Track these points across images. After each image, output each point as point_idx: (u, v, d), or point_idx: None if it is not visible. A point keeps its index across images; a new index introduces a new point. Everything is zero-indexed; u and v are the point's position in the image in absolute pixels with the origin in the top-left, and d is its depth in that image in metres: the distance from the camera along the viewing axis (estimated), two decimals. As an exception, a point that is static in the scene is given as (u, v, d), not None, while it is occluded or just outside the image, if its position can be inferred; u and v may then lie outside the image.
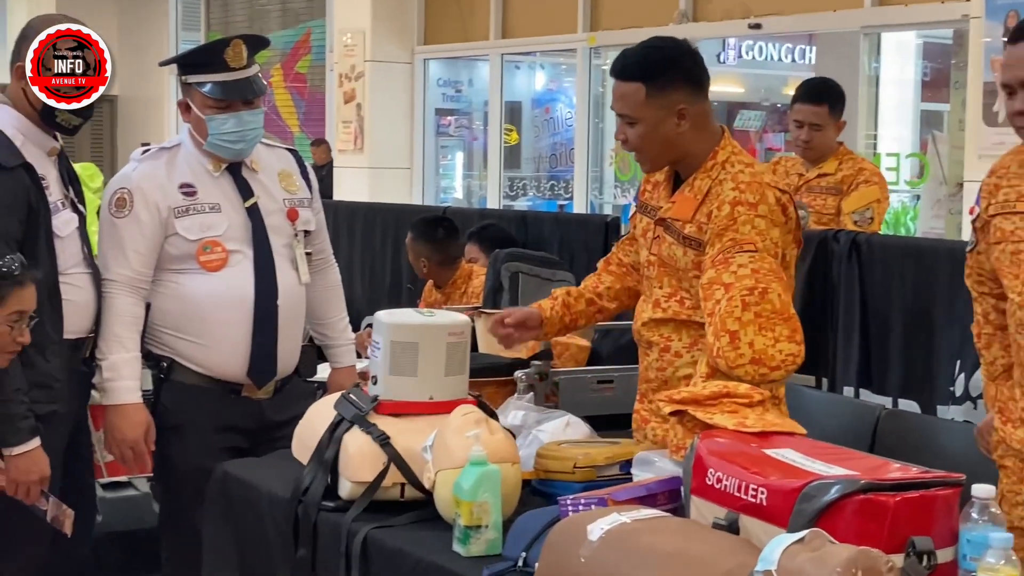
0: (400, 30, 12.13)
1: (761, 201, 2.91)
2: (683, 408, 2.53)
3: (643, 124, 3.02)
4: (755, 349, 2.74)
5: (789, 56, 12.08)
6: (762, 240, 2.87)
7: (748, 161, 3.04)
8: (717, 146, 3.04)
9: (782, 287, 2.82)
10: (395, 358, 2.93)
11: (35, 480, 3.31)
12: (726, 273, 2.83)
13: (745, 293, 2.78)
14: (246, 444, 3.69)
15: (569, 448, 2.93)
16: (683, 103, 2.99)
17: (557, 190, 12.48)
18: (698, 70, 3.05)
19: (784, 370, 2.74)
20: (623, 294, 3.36)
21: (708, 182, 3.00)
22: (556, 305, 3.33)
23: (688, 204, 3.02)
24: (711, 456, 2.28)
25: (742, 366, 2.73)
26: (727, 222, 2.90)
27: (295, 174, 3.85)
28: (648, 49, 3.05)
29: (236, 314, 3.63)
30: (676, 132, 3.01)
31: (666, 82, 2.99)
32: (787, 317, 2.78)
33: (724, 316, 2.77)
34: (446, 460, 2.66)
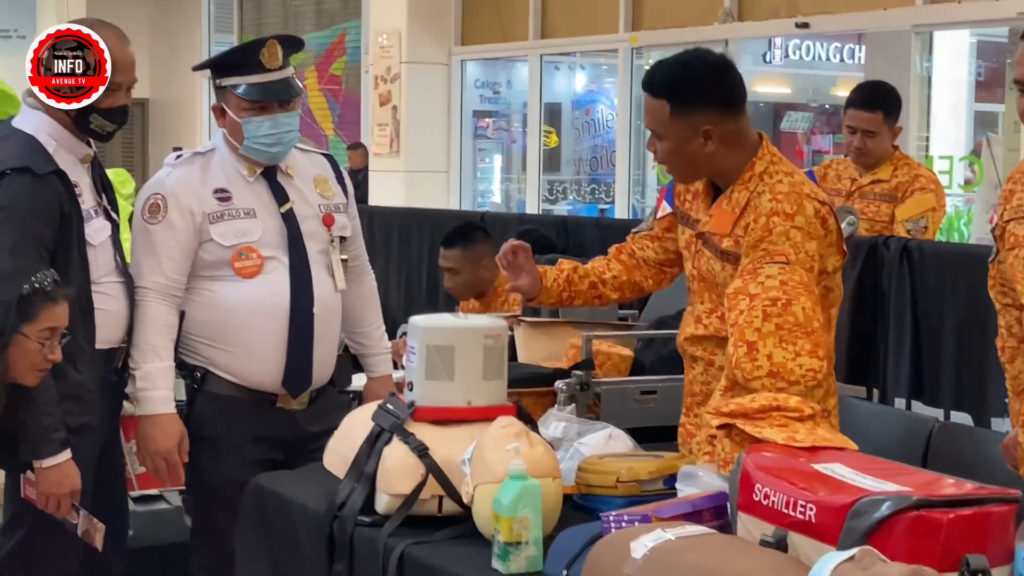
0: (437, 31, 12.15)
1: (798, 212, 2.91)
2: (731, 421, 2.52)
3: (669, 141, 3.04)
4: (773, 362, 2.73)
5: (837, 56, 12.02)
6: (795, 252, 2.87)
7: (788, 170, 3.03)
8: (755, 156, 3.04)
9: (811, 301, 2.81)
10: (431, 362, 2.93)
11: (66, 493, 3.33)
12: (753, 284, 2.83)
13: (767, 304, 2.78)
14: (280, 456, 3.70)
15: (611, 462, 2.93)
16: (709, 124, 2.99)
17: (598, 194, 12.48)
18: (729, 90, 3.04)
19: (803, 385, 2.72)
20: (627, 287, 3.40)
21: (746, 195, 3.00)
22: (560, 278, 3.36)
23: (726, 218, 3.02)
24: (758, 471, 2.27)
25: (759, 378, 2.73)
26: (762, 233, 2.90)
27: (331, 179, 3.87)
28: (677, 67, 3.06)
29: (271, 322, 3.65)
30: (703, 152, 3.01)
31: (692, 102, 2.99)
32: (810, 331, 2.76)
33: (743, 326, 2.77)
34: (485, 474, 2.66)
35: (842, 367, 3.98)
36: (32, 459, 3.32)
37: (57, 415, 3.32)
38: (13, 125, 3.50)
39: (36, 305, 3.17)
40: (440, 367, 2.92)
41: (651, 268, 3.39)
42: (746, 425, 2.48)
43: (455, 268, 5.17)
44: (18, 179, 3.34)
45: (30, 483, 3.36)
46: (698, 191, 3.17)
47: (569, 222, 6.27)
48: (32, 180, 3.35)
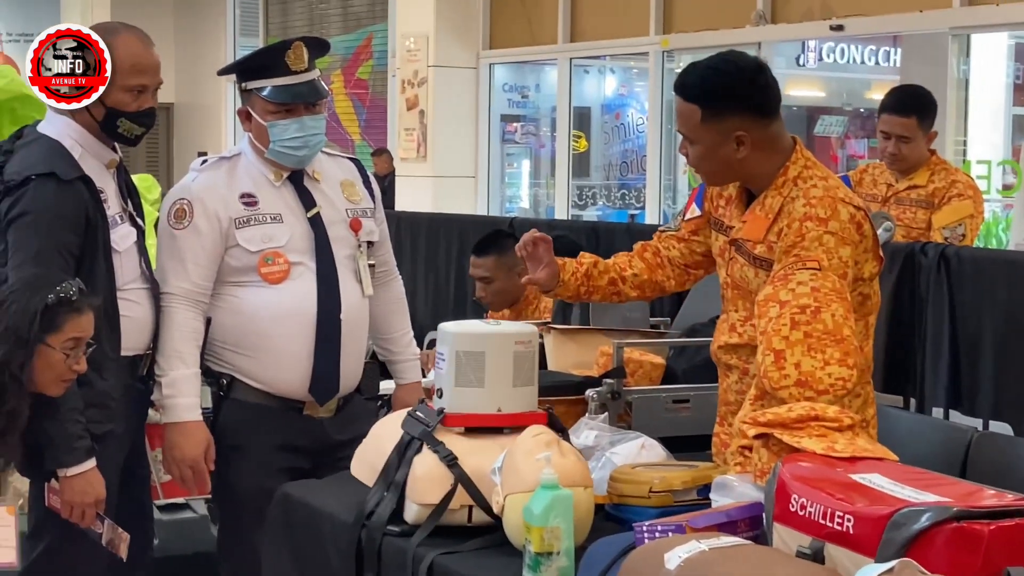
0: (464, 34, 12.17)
1: (832, 217, 2.90)
2: (769, 431, 2.52)
3: (700, 145, 3.04)
4: (801, 371, 2.72)
5: (873, 59, 11.98)
6: (828, 258, 2.86)
7: (822, 175, 3.02)
8: (788, 161, 3.03)
9: (843, 308, 2.79)
10: (461, 369, 2.93)
11: (90, 502, 3.35)
12: (783, 290, 2.82)
13: (796, 311, 2.77)
14: (307, 464, 3.71)
15: (644, 471, 2.92)
16: (742, 129, 2.99)
17: (628, 199, 12.46)
18: (762, 95, 3.03)
19: (832, 395, 2.70)
20: (648, 286, 3.41)
21: (780, 200, 3.00)
22: (578, 273, 3.37)
23: (759, 224, 3.02)
24: (795, 481, 2.26)
25: (786, 387, 2.71)
26: (795, 239, 2.90)
27: (357, 183, 3.88)
28: (708, 71, 3.04)
29: (298, 328, 3.66)
30: (734, 157, 3.01)
31: (723, 108, 2.99)
32: (840, 339, 2.75)
33: (771, 334, 2.76)
34: (516, 483, 2.66)
35: (879, 376, 3.96)
36: (56, 467, 3.34)
37: (82, 423, 3.33)
38: (38, 130, 3.52)
39: (61, 315, 3.18)
40: (470, 373, 2.92)
41: (675, 268, 3.39)
42: (784, 435, 2.48)
43: (489, 277, 5.16)
44: (43, 185, 3.36)
45: (54, 492, 3.37)
46: (731, 197, 3.17)
47: (600, 228, 6.26)
48: (57, 186, 3.37)
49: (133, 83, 3.47)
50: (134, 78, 3.48)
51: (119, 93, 3.47)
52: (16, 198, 3.35)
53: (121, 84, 3.46)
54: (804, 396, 2.69)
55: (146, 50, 3.52)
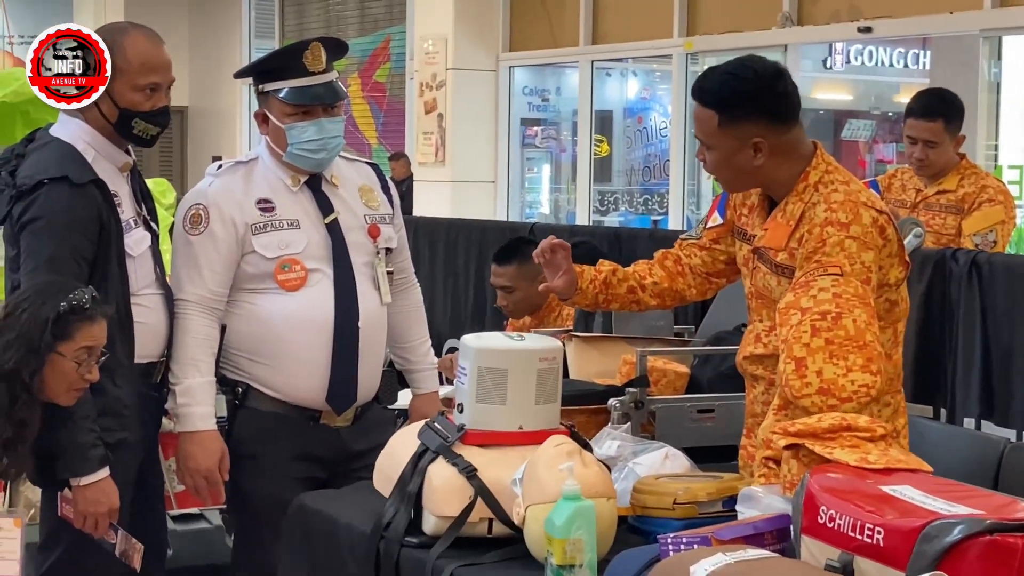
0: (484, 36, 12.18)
1: (854, 221, 2.90)
2: (799, 441, 2.51)
3: (717, 151, 3.05)
4: (823, 378, 2.72)
5: (901, 61, 11.95)
6: (850, 263, 2.86)
7: (844, 179, 3.03)
8: (808, 166, 3.03)
9: (865, 313, 2.79)
10: (482, 385, 2.93)
11: (104, 512, 3.35)
12: (804, 297, 2.83)
13: (817, 318, 2.77)
14: (324, 474, 3.71)
15: (668, 482, 2.92)
16: (759, 136, 3.00)
17: (651, 205, 12.45)
18: (780, 102, 3.04)
19: (856, 402, 2.70)
20: (668, 295, 3.42)
21: (801, 206, 3.00)
22: (596, 281, 3.39)
23: (781, 231, 3.02)
24: (823, 492, 2.26)
25: (808, 396, 2.71)
26: (816, 244, 2.90)
27: (376, 189, 3.88)
28: (726, 76, 3.05)
29: (315, 336, 3.66)
30: (752, 164, 3.02)
31: (740, 114, 3.00)
32: (862, 345, 2.74)
33: (792, 342, 2.77)
34: (537, 494, 2.66)
35: (908, 385, 3.94)
36: (69, 476, 3.34)
37: (95, 431, 3.34)
38: (51, 133, 3.53)
39: (73, 323, 3.18)
40: (492, 390, 2.93)
41: (696, 277, 3.40)
42: (815, 445, 2.47)
43: (510, 286, 5.15)
44: (56, 189, 3.37)
45: (67, 501, 3.38)
46: (754, 205, 3.17)
47: (622, 234, 6.26)
48: (70, 190, 3.38)
49: (145, 82, 3.49)
50: (145, 77, 3.49)
51: (131, 93, 3.48)
52: (29, 203, 3.36)
53: (133, 84, 3.47)
54: (827, 404, 2.69)
55: (156, 48, 3.54)
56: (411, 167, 12.96)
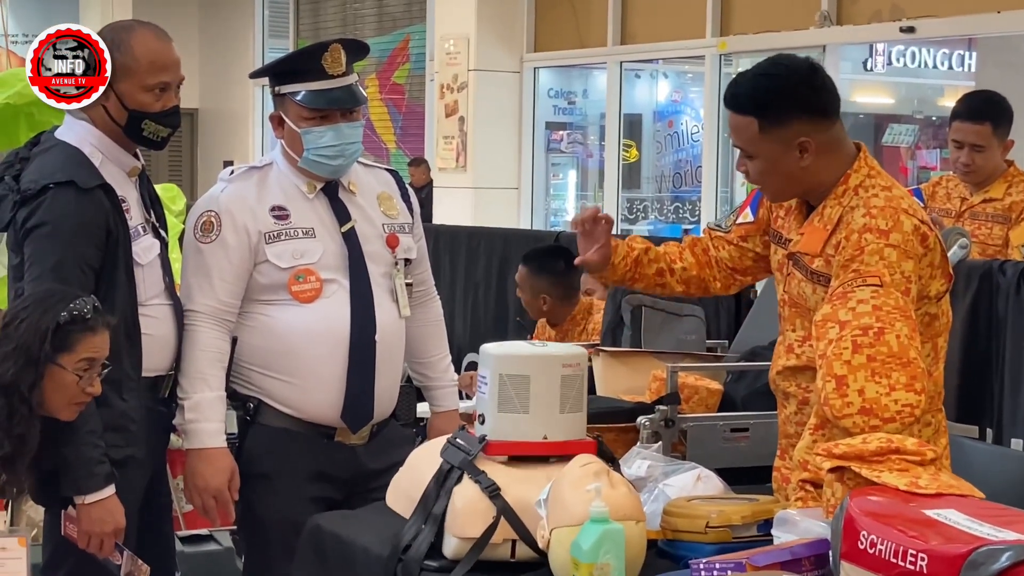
0: (508, 36, 12.21)
1: (894, 229, 2.89)
2: (845, 464, 2.50)
3: (761, 159, 3.04)
4: (865, 397, 2.70)
5: (946, 63, 11.94)
6: (890, 273, 2.85)
7: (886, 184, 3.02)
8: (850, 168, 3.03)
9: (907, 327, 2.78)
10: (504, 393, 2.92)
11: (109, 531, 3.35)
12: (843, 309, 2.81)
13: (858, 333, 2.75)
14: (339, 495, 3.71)
15: (700, 505, 2.91)
16: (804, 135, 2.99)
17: (682, 213, 12.46)
18: (820, 96, 3.03)
19: (899, 422, 2.69)
20: (694, 283, 3.44)
21: (839, 210, 2.99)
22: (628, 258, 3.40)
23: (817, 236, 3.01)
24: (864, 516, 2.25)
25: (850, 416, 2.70)
26: (854, 252, 2.89)
27: (395, 196, 3.88)
28: (759, 78, 3.06)
29: (330, 350, 3.66)
30: (799, 166, 3.01)
31: (781, 115, 2.99)
32: (906, 362, 2.73)
33: (832, 359, 2.75)
34: (563, 516, 2.65)
35: (952, 405, 3.94)
36: (73, 494, 3.34)
37: (101, 447, 3.34)
38: (56, 136, 3.55)
39: (74, 334, 3.18)
40: (514, 398, 2.92)
41: (722, 270, 3.41)
42: (862, 468, 2.46)
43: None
44: (62, 194, 3.38)
45: (71, 520, 3.39)
46: (791, 207, 3.17)
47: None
48: (76, 195, 3.39)
49: (154, 81, 3.50)
50: (154, 76, 3.50)
51: (140, 93, 3.49)
52: (33, 208, 3.37)
53: (141, 84, 3.49)
54: (869, 425, 2.68)
55: (164, 45, 3.55)
56: (431, 173, 12.99)
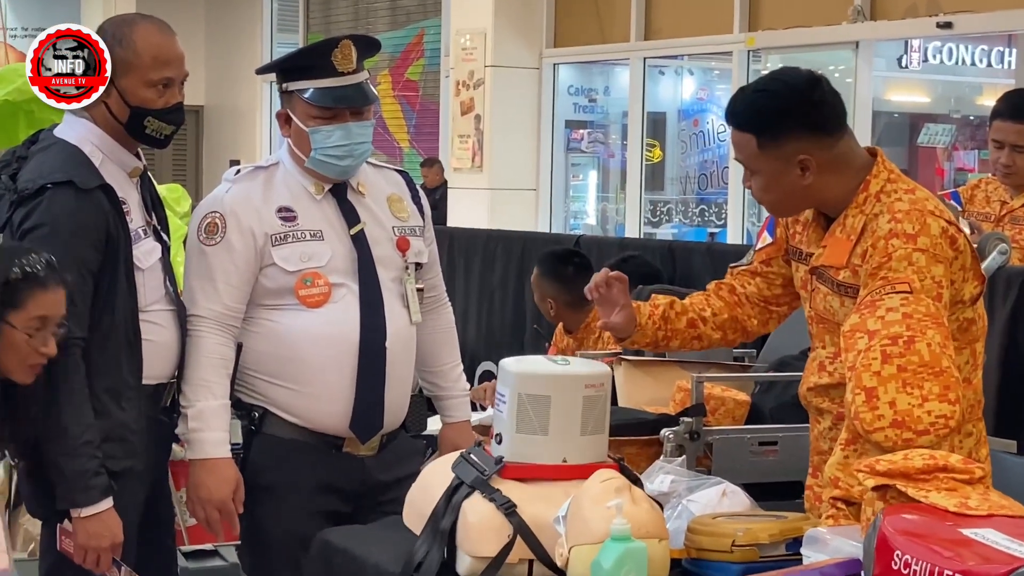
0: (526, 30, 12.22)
1: (921, 232, 2.89)
2: (889, 482, 2.49)
3: (762, 176, 3.07)
4: (897, 410, 2.70)
5: (984, 60, 11.92)
6: (920, 279, 2.85)
7: (908, 187, 3.02)
8: (868, 175, 3.03)
9: (939, 335, 2.78)
10: (523, 414, 2.92)
11: (106, 546, 3.36)
12: (871, 319, 2.81)
13: (887, 343, 2.75)
14: (347, 508, 3.71)
15: (726, 522, 2.91)
16: (804, 152, 3.01)
17: (707, 216, 12.46)
18: (820, 112, 3.04)
19: (933, 435, 2.68)
20: (729, 326, 3.39)
21: (862, 218, 3.00)
22: (655, 315, 3.36)
23: (841, 247, 3.02)
24: (898, 536, 2.25)
25: (881, 429, 2.70)
26: (881, 259, 2.89)
27: (406, 199, 3.89)
28: (756, 94, 3.09)
29: (338, 357, 3.67)
30: (801, 184, 3.03)
31: (779, 132, 3.01)
32: (938, 372, 2.73)
33: (861, 370, 2.75)
34: (582, 534, 2.65)
35: (990, 417, 3.92)
36: (69, 507, 3.35)
37: (98, 458, 3.35)
38: (55, 134, 3.55)
39: (23, 291, 3.18)
40: (533, 419, 2.92)
41: (754, 306, 3.38)
42: (908, 487, 2.45)
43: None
44: (60, 194, 3.39)
45: (67, 534, 3.39)
46: (807, 221, 3.18)
47: (676, 248, 6.24)
48: (76, 195, 3.40)
49: (157, 77, 3.50)
50: (157, 71, 3.51)
51: (143, 89, 3.50)
52: (30, 209, 3.38)
53: (144, 79, 3.49)
54: (902, 438, 2.67)
55: (168, 40, 3.56)
56: (445, 174, 13.00)
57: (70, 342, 3.32)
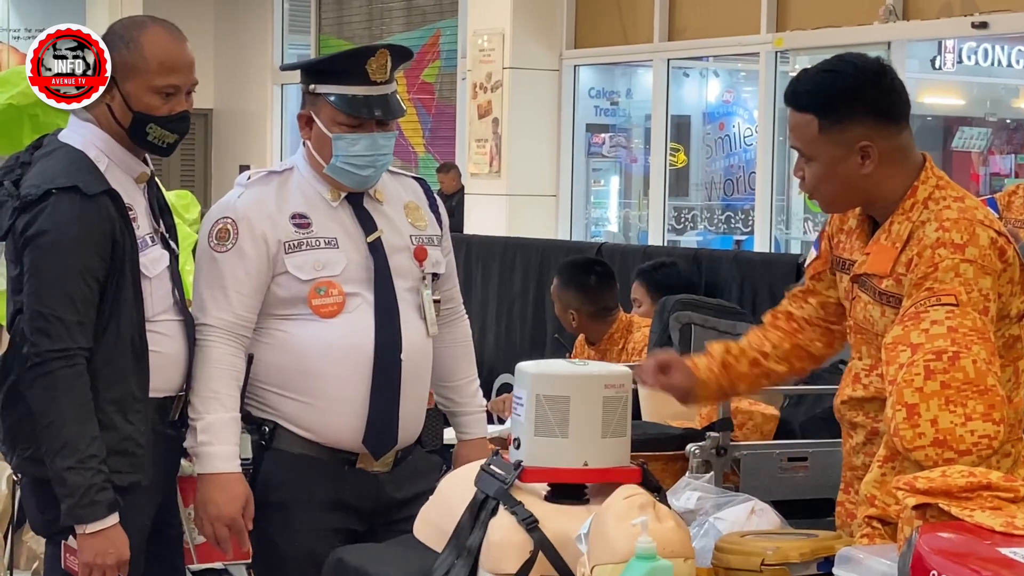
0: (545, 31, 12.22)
1: (970, 243, 2.87)
2: (932, 501, 2.47)
3: (819, 162, 3.04)
4: (939, 428, 2.68)
5: (1021, 61, 11.89)
6: (967, 291, 2.83)
7: (957, 195, 3.00)
8: (916, 180, 3.01)
9: (985, 351, 2.76)
10: (541, 416, 2.91)
11: (112, 564, 3.36)
12: (915, 331, 2.79)
13: (931, 358, 2.73)
14: (361, 526, 3.71)
15: (755, 541, 2.90)
16: (867, 139, 2.99)
17: (734, 223, 12.44)
18: (888, 99, 3.03)
19: (976, 455, 2.67)
20: (793, 355, 3.35)
21: (908, 226, 2.98)
22: (714, 365, 3.34)
23: (885, 254, 3.00)
24: (934, 555, 2.24)
25: (922, 448, 2.68)
26: (927, 268, 2.87)
27: (423, 207, 3.88)
28: (823, 74, 3.06)
29: (352, 369, 3.66)
30: (859, 173, 3.01)
31: (844, 114, 2.99)
32: (983, 389, 2.71)
33: (903, 385, 2.73)
34: (605, 553, 2.64)
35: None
36: (74, 523, 3.35)
37: (104, 472, 3.35)
38: (60, 139, 3.56)
39: None
40: (552, 422, 2.91)
41: (815, 328, 3.34)
42: (951, 506, 2.44)
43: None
44: (65, 200, 3.39)
45: (71, 552, 3.40)
46: (852, 228, 3.16)
47: (702, 256, 6.24)
48: (81, 201, 3.40)
49: (163, 83, 3.51)
50: (164, 77, 3.51)
51: (147, 95, 3.50)
52: (34, 215, 3.38)
53: (149, 85, 3.49)
54: (943, 458, 2.66)
55: (178, 45, 3.56)
56: (462, 179, 13.01)
57: (75, 353, 3.33)
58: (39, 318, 3.35)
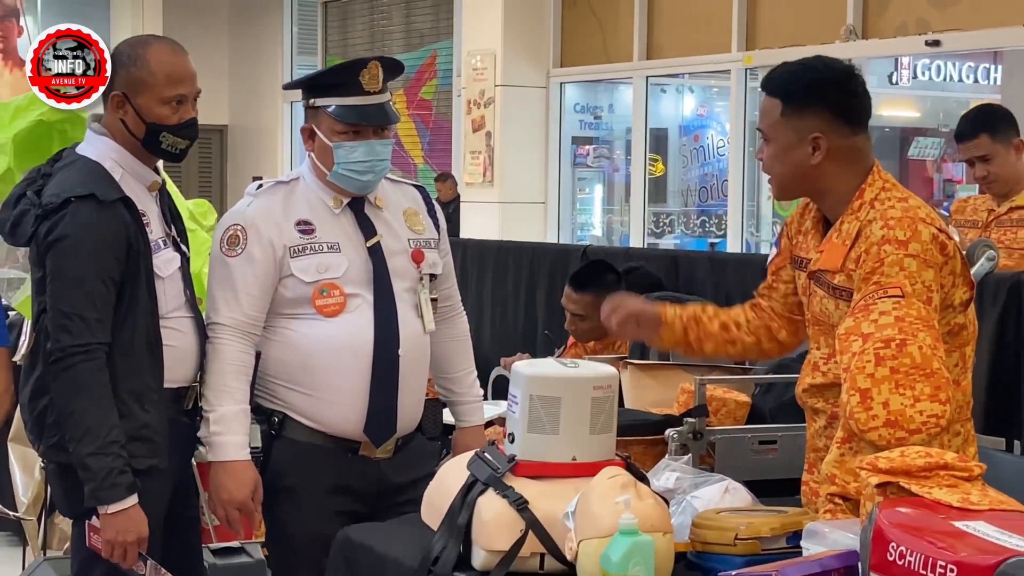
0: (534, 51, 12.22)
1: (913, 239, 2.87)
2: (893, 479, 2.47)
3: (775, 144, 3.06)
4: (890, 410, 2.71)
5: (971, 76, 11.90)
6: (911, 283, 2.84)
7: (902, 196, 3.01)
8: (864, 183, 3.02)
9: (930, 337, 2.78)
10: (535, 414, 2.92)
11: (132, 541, 3.36)
12: (865, 322, 2.81)
13: (880, 346, 2.75)
14: (365, 509, 3.70)
15: (729, 517, 2.89)
16: (820, 132, 3.00)
17: (708, 227, 12.43)
18: (848, 100, 3.04)
19: (925, 433, 2.70)
20: (763, 333, 3.37)
21: (856, 224, 2.98)
22: (684, 315, 3.36)
23: (836, 251, 3.00)
24: (893, 528, 2.24)
25: (875, 429, 2.71)
26: (874, 264, 2.88)
27: (421, 212, 3.88)
28: (796, 65, 3.09)
29: (353, 364, 3.65)
30: (808, 163, 3.02)
31: (804, 105, 3.01)
32: (929, 373, 2.73)
33: (856, 372, 2.75)
34: (591, 528, 2.64)
35: (979, 416, 3.89)
36: (96, 504, 3.35)
37: (123, 457, 3.35)
38: (77, 152, 3.56)
39: None
40: (544, 420, 2.92)
41: (781, 318, 3.36)
42: (911, 484, 2.44)
43: (583, 315, 5.18)
44: (82, 207, 3.39)
45: (94, 531, 3.39)
46: (808, 229, 3.17)
47: (679, 257, 6.22)
48: (97, 208, 3.40)
49: (170, 94, 3.51)
50: (171, 89, 3.51)
51: (158, 107, 3.50)
52: (55, 222, 3.38)
53: (159, 97, 3.49)
54: (895, 437, 2.68)
55: (180, 59, 3.56)
56: (458, 188, 13.00)
57: (95, 347, 3.33)
58: (61, 316, 3.35)
